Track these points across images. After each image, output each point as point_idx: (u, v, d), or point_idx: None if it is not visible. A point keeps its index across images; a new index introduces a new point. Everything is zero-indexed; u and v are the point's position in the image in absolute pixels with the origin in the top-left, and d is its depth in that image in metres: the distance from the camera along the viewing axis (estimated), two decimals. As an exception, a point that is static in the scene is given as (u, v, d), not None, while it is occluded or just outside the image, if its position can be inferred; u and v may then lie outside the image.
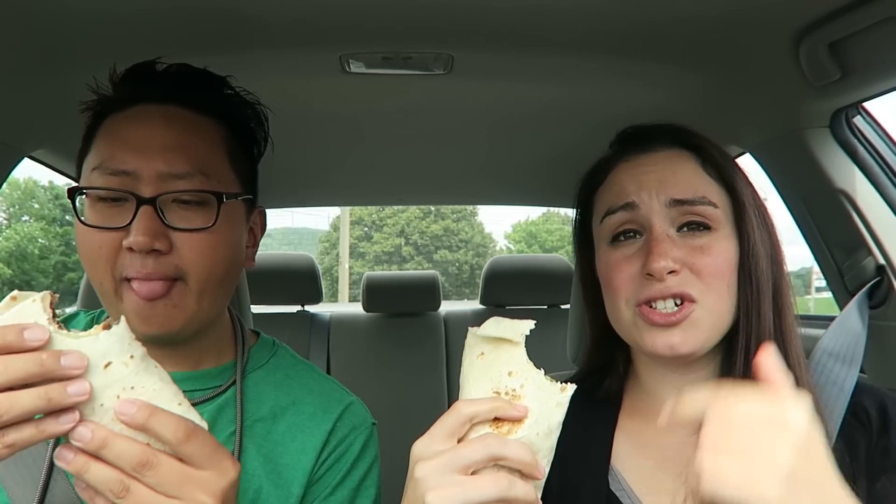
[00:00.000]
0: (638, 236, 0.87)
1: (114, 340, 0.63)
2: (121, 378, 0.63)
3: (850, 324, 1.02)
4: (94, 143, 0.90)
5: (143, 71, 0.92)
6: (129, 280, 0.84)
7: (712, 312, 0.83)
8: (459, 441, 0.65)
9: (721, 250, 0.84)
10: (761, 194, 0.91)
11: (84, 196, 0.88)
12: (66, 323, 0.99)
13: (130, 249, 0.83)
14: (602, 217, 0.90)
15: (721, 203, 0.86)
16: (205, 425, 0.67)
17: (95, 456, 0.62)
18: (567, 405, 0.66)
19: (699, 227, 0.84)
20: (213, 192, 0.88)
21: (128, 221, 0.84)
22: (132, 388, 0.63)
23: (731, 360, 0.84)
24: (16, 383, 0.59)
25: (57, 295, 0.65)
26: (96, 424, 0.62)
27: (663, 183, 0.85)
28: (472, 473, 0.63)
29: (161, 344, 0.90)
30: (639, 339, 0.86)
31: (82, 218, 0.86)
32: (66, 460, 0.62)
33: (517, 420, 0.65)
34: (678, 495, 0.83)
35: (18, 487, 0.85)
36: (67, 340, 0.62)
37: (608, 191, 0.91)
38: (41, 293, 0.64)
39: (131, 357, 0.64)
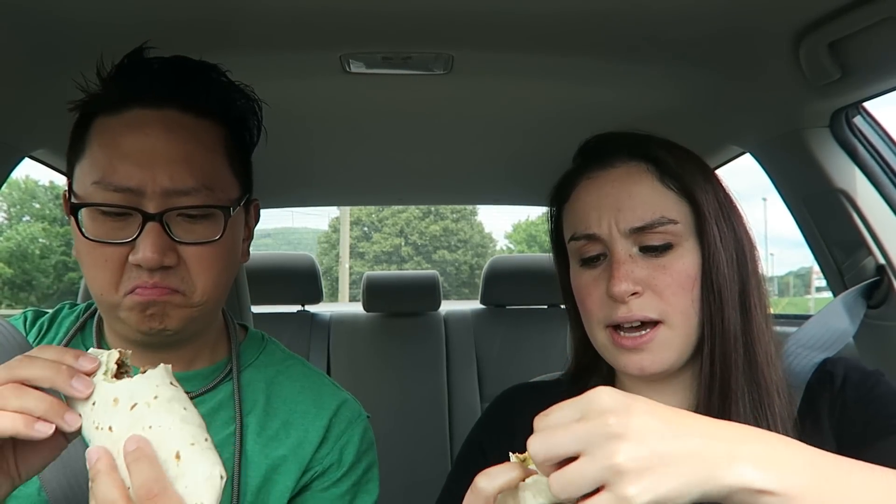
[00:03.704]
0: (603, 258, 0.89)
1: (143, 382, 0.66)
2: (142, 417, 0.65)
3: (833, 322, 1.02)
4: (88, 148, 0.88)
5: (134, 68, 0.89)
6: (133, 292, 0.84)
7: (680, 330, 0.85)
8: None
9: (683, 265, 0.85)
10: (728, 189, 0.91)
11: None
12: (52, 320, 1.01)
13: (138, 265, 0.83)
14: (569, 239, 0.92)
15: (681, 216, 0.86)
16: (216, 471, 0.65)
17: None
18: None
19: (661, 248, 0.86)
20: (220, 207, 0.88)
21: (133, 236, 0.83)
22: (149, 426, 0.64)
23: (701, 367, 0.86)
24: (30, 381, 0.66)
25: (129, 352, 0.70)
26: (105, 454, 0.63)
27: (621, 210, 0.86)
28: None
29: (159, 345, 0.90)
30: (612, 359, 0.89)
31: (84, 231, 0.85)
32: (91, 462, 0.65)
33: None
34: None
35: (49, 468, 0.85)
36: (107, 385, 0.67)
37: (573, 210, 0.93)
38: (110, 350, 0.69)
39: (155, 398, 0.66)
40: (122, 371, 0.69)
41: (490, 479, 0.62)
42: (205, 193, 0.86)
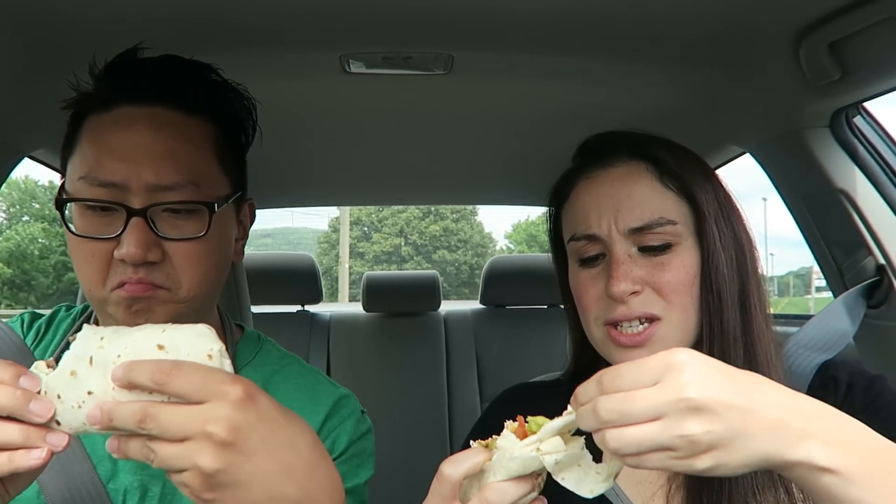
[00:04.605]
0: (602, 258, 0.89)
1: (81, 342, 0.65)
2: (105, 359, 0.64)
3: (834, 322, 1.02)
4: (78, 146, 0.88)
5: (124, 67, 0.90)
6: (119, 287, 0.84)
7: (678, 327, 0.85)
8: None
9: (682, 264, 0.85)
10: (728, 189, 0.91)
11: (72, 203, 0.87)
12: (50, 323, 1.01)
13: (123, 260, 0.83)
14: (569, 239, 0.92)
15: (681, 216, 0.86)
16: (200, 327, 0.65)
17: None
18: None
19: (660, 247, 0.85)
20: (205, 203, 0.87)
21: (118, 231, 0.83)
22: (118, 356, 0.64)
23: None
24: None
25: (50, 359, 0.68)
26: (103, 403, 0.62)
27: (620, 210, 0.86)
28: None
29: None
30: (609, 356, 0.89)
31: (71, 227, 0.85)
32: (113, 448, 0.63)
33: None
34: (661, 489, 0.85)
35: (47, 471, 0.85)
36: (55, 374, 0.65)
37: (572, 210, 0.93)
38: (34, 363, 0.67)
39: (102, 339, 0.65)
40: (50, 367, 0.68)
41: (455, 466, 0.64)
42: (190, 189, 0.86)
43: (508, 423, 0.66)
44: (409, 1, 1.01)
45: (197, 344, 0.65)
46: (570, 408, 0.63)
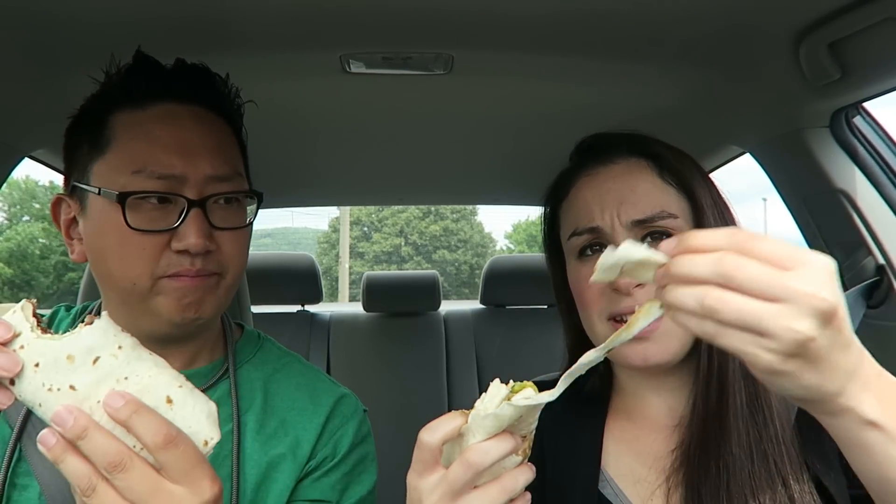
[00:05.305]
0: (603, 249, 0.88)
1: (98, 335, 0.61)
2: (112, 370, 0.60)
3: None
4: (113, 142, 0.88)
5: (151, 65, 0.91)
6: (172, 276, 0.85)
7: None
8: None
9: None
10: (721, 189, 0.92)
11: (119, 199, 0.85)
12: (50, 323, 1.00)
13: (181, 251, 0.85)
14: (569, 235, 0.92)
15: (681, 210, 0.88)
16: (213, 406, 0.64)
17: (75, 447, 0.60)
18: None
19: (662, 237, 0.86)
20: (256, 192, 0.94)
21: (173, 223, 0.85)
22: (125, 378, 0.61)
23: (699, 363, 0.85)
24: None
25: (35, 301, 0.64)
26: (80, 412, 0.59)
27: (623, 203, 0.87)
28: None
29: (177, 338, 0.92)
30: (613, 352, 0.87)
31: (129, 221, 0.84)
32: (47, 446, 0.60)
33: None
34: (660, 487, 0.85)
35: (49, 472, 0.86)
36: (50, 343, 0.61)
37: (572, 207, 0.93)
38: (20, 303, 0.63)
39: (119, 348, 0.61)
40: (38, 323, 0.63)
41: (432, 432, 0.64)
42: (238, 180, 0.92)
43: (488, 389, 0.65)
44: (409, 1, 1.01)
45: (204, 423, 0.63)
46: (643, 250, 0.59)
